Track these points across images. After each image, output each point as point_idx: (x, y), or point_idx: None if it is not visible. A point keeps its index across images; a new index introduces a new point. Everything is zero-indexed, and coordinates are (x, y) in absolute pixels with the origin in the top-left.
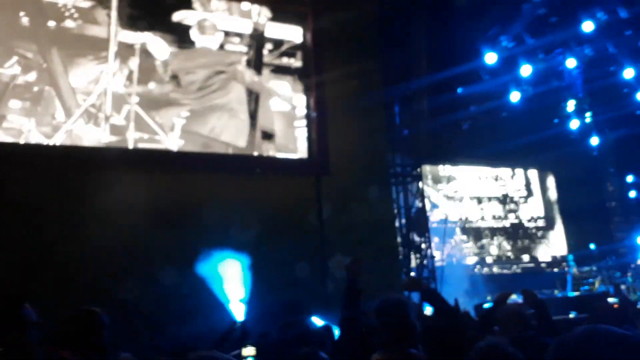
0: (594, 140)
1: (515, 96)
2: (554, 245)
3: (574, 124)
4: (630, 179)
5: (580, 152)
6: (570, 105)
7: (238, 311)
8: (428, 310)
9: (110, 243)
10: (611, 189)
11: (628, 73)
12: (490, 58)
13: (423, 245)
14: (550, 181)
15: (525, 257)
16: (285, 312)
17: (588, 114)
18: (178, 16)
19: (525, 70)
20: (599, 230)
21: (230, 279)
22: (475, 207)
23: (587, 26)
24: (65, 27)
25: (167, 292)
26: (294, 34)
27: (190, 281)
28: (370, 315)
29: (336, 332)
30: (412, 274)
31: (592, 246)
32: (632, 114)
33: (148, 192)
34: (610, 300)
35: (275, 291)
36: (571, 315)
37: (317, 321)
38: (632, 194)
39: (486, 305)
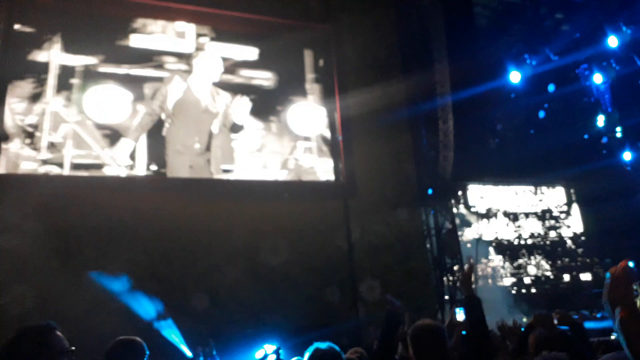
0: (627, 156)
1: (541, 112)
2: (592, 264)
3: (604, 139)
4: None
5: (612, 168)
6: (600, 120)
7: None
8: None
9: (141, 268)
10: None
11: None
12: (515, 76)
13: (455, 267)
14: (582, 197)
15: (566, 277)
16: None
17: (618, 129)
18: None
19: (551, 87)
20: (636, 246)
21: (259, 304)
22: (511, 225)
23: (612, 41)
24: None
25: (197, 317)
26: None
27: (221, 306)
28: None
29: None
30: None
31: (630, 264)
32: None
33: (179, 219)
34: None
35: (305, 316)
36: (612, 337)
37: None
38: None
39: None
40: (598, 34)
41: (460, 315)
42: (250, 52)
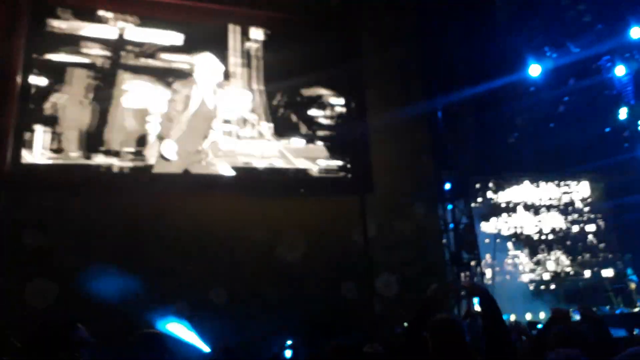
0: None
1: (562, 106)
2: (613, 259)
3: (626, 133)
4: None
5: (635, 161)
6: (622, 113)
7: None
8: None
9: (160, 264)
10: None
11: None
12: (535, 70)
13: (472, 263)
14: (605, 191)
15: (586, 272)
16: None
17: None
18: None
19: (571, 79)
20: None
21: (277, 300)
22: (531, 219)
23: (636, 32)
24: None
25: (216, 313)
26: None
27: (238, 300)
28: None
29: None
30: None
31: None
32: None
33: (199, 216)
34: None
35: (322, 311)
36: (635, 332)
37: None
38: None
39: (539, 325)
40: (621, 25)
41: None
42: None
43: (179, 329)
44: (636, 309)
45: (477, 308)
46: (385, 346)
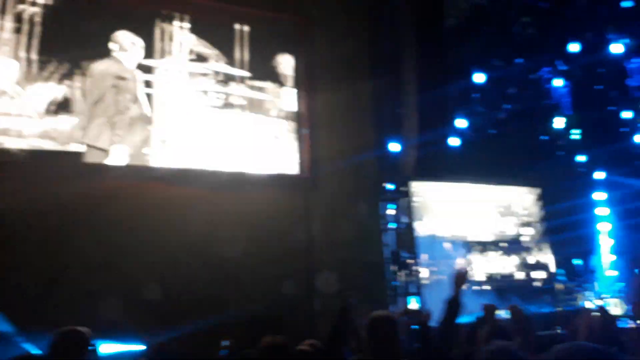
0: (582, 158)
1: (502, 114)
2: (544, 261)
3: (562, 141)
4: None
5: (568, 169)
6: (559, 122)
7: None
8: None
9: (92, 258)
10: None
11: (613, 91)
12: (479, 77)
13: (410, 261)
14: (539, 197)
15: (519, 274)
16: None
17: (576, 131)
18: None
19: (513, 88)
20: (585, 246)
21: (213, 296)
22: (467, 222)
23: (574, 47)
24: None
25: (148, 309)
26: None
27: (173, 298)
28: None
29: None
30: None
31: (577, 262)
32: (618, 131)
33: (134, 208)
34: (594, 315)
35: (260, 308)
36: (558, 331)
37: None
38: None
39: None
40: (561, 38)
41: (413, 304)
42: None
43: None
44: (560, 309)
45: (413, 306)
46: (323, 343)
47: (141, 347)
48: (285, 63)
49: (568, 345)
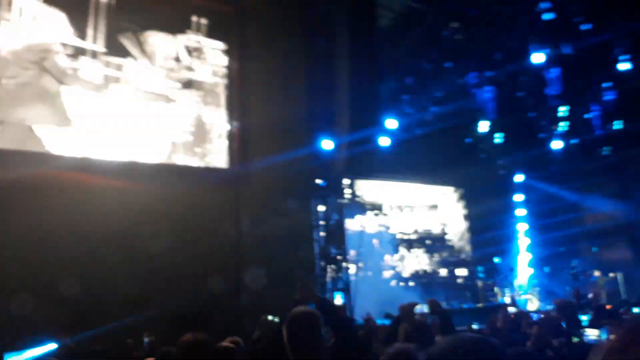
0: (503, 161)
1: (431, 116)
2: (466, 258)
3: (485, 144)
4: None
5: (490, 171)
6: (483, 126)
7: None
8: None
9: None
10: (516, 206)
11: (534, 98)
12: (409, 79)
13: (339, 257)
14: (463, 197)
15: (442, 270)
16: None
17: (499, 135)
18: None
19: (440, 90)
20: (505, 244)
21: (138, 291)
22: (394, 220)
23: (498, 55)
24: None
25: (66, 305)
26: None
27: (94, 292)
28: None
29: None
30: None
31: (496, 260)
32: (537, 137)
33: (53, 200)
34: (510, 310)
35: (186, 305)
36: (474, 326)
37: None
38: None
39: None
40: (488, 46)
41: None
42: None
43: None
44: (481, 305)
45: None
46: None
47: (52, 347)
48: (214, 54)
49: (452, 337)
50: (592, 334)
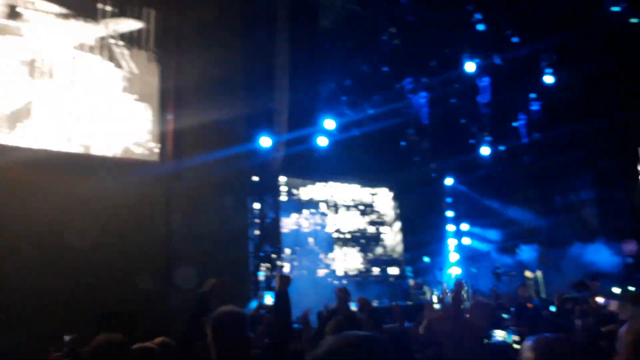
0: (435, 164)
1: (367, 118)
2: (398, 258)
3: (418, 148)
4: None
5: (422, 174)
6: (417, 130)
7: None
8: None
9: None
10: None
11: (465, 105)
12: (348, 81)
13: (274, 256)
14: (397, 198)
15: (375, 269)
16: None
17: (430, 140)
18: None
19: (378, 95)
20: (435, 244)
21: (62, 289)
22: (330, 219)
23: (433, 62)
24: None
25: None
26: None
27: (12, 292)
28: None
29: None
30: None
31: (426, 259)
32: (467, 142)
33: None
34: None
35: (113, 304)
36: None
37: None
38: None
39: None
40: (423, 53)
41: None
42: None
43: None
44: (411, 302)
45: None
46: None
47: None
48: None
49: (338, 337)
50: (499, 335)
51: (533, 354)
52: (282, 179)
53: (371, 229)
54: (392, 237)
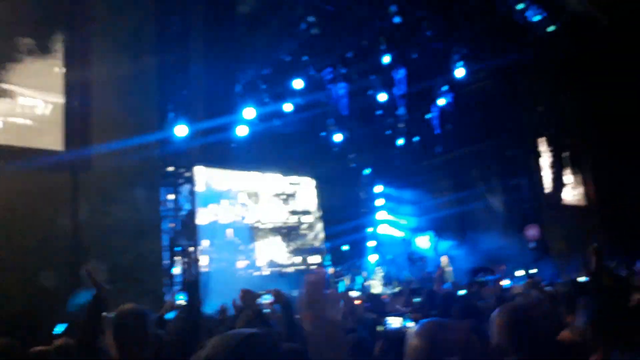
0: (353, 154)
1: (287, 107)
2: (319, 247)
3: (337, 138)
4: (378, 189)
5: (343, 164)
6: (336, 121)
7: None
8: None
9: None
10: (364, 197)
11: (382, 97)
12: (267, 69)
13: (190, 249)
14: (317, 187)
15: (297, 259)
16: None
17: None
18: None
19: (297, 84)
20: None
21: None
22: (250, 209)
23: (351, 52)
24: None
25: None
26: None
27: None
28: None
29: None
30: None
31: (345, 247)
32: (384, 134)
33: None
34: (353, 294)
35: (12, 303)
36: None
37: None
38: (379, 202)
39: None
40: (341, 43)
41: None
42: None
43: None
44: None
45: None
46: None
47: None
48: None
49: (223, 336)
50: (393, 322)
51: (418, 339)
52: (199, 168)
53: (293, 219)
54: (314, 227)
